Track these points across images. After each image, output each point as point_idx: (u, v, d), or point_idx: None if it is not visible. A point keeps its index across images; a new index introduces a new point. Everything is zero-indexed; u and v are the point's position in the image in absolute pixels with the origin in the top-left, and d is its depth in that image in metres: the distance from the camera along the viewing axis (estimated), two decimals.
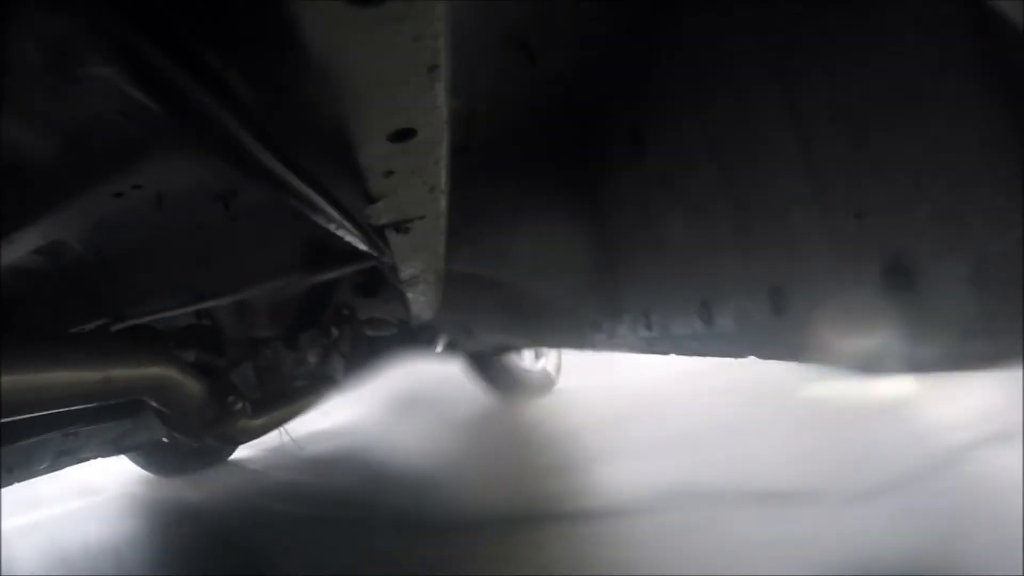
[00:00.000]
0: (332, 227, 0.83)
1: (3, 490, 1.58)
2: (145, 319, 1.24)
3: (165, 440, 1.85)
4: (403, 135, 0.52)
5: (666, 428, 2.11)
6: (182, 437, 1.23)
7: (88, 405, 0.86)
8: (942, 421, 1.51)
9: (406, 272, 1.19)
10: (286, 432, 2.48)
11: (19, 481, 1.59)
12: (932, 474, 1.24)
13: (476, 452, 2.44)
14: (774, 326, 0.79)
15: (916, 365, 0.62)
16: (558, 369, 3.09)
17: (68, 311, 1.16)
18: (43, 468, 1.62)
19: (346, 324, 1.83)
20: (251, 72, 0.54)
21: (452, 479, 2.10)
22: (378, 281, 1.82)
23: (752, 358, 0.87)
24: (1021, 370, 0.57)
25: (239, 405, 1.22)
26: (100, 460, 1.95)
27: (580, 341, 1.53)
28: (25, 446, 1.49)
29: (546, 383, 3.01)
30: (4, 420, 0.65)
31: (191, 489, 2.82)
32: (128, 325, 1.21)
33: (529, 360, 2.96)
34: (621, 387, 2.94)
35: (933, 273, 0.57)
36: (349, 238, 0.90)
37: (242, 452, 3.14)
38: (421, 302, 1.61)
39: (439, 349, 2.39)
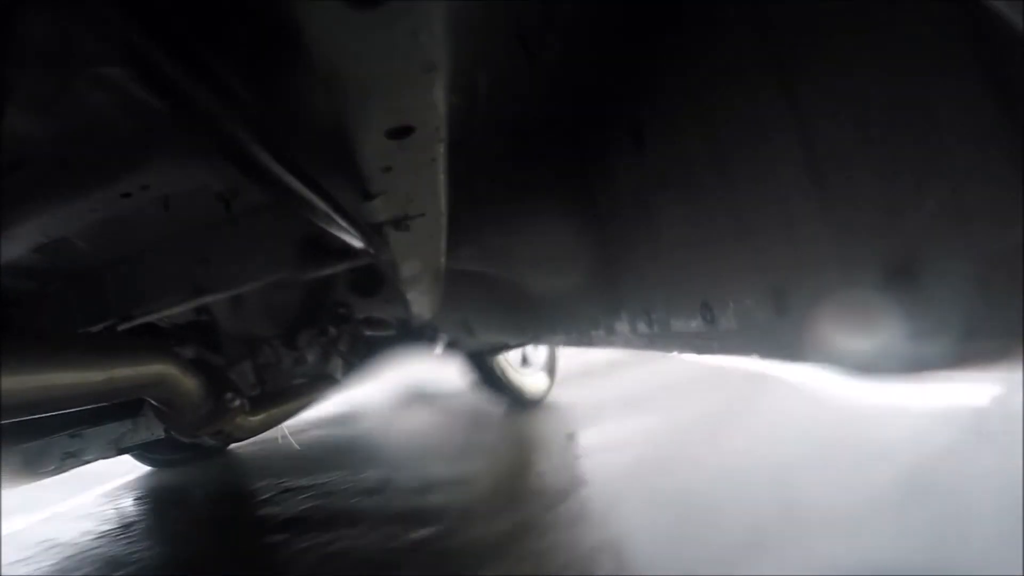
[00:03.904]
0: (329, 225, 0.83)
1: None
2: (149, 318, 1.24)
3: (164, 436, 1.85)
4: (401, 132, 0.53)
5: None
6: (179, 434, 1.23)
7: (92, 405, 0.86)
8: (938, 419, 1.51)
9: (406, 271, 1.19)
10: (283, 431, 2.48)
11: (26, 483, 1.60)
12: (931, 474, 1.24)
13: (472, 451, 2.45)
14: (776, 326, 0.79)
15: (918, 365, 0.62)
16: (554, 372, 3.11)
17: (77, 311, 1.17)
18: (50, 470, 1.63)
19: (344, 323, 1.83)
20: (252, 72, 0.54)
21: (450, 474, 2.11)
22: (376, 280, 1.82)
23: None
24: (1021, 370, 0.57)
25: (237, 402, 1.22)
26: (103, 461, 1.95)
27: (580, 338, 1.53)
28: (32, 447, 1.50)
29: (542, 386, 3.02)
30: (12, 420, 0.65)
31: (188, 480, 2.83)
32: (134, 324, 1.22)
33: (526, 362, 2.97)
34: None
35: (935, 273, 0.57)
36: (346, 236, 0.90)
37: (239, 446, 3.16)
38: (421, 301, 1.61)
39: (439, 349, 2.39)
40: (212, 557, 1.82)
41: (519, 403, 2.91)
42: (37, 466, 1.55)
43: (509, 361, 2.86)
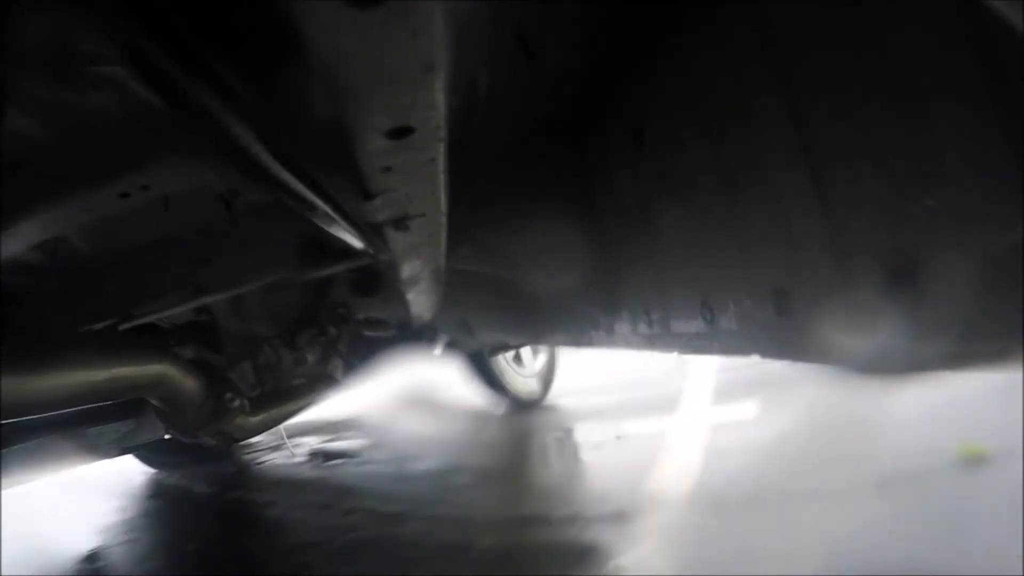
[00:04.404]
0: (329, 225, 0.83)
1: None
2: (149, 318, 1.24)
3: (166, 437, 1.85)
4: (401, 132, 0.53)
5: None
6: (180, 435, 1.23)
7: (94, 405, 0.86)
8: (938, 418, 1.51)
9: (406, 271, 1.19)
10: (282, 432, 2.48)
11: (28, 481, 1.59)
12: (932, 473, 1.23)
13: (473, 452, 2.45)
14: (777, 326, 0.79)
15: (918, 364, 0.62)
16: (554, 372, 3.11)
17: (77, 311, 1.16)
18: (54, 468, 1.63)
19: (344, 323, 1.83)
20: (252, 72, 0.54)
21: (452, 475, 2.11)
22: (375, 280, 1.82)
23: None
24: (1022, 370, 0.57)
25: (237, 402, 1.22)
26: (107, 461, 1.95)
27: (580, 338, 1.54)
28: (37, 446, 1.50)
29: (541, 386, 3.02)
30: (16, 420, 0.65)
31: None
32: (135, 324, 1.22)
33: (524, 364, 2.97)
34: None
35: (935, 273, 0.57)
36: (346, 236, 0.90)
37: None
38: (421, 301, 1.61)
39: (439, 349, 2.39)
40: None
41: (519, 403, 2.91)
42: (41, 463, 1.55)
43: (509, 361, 2.86)
